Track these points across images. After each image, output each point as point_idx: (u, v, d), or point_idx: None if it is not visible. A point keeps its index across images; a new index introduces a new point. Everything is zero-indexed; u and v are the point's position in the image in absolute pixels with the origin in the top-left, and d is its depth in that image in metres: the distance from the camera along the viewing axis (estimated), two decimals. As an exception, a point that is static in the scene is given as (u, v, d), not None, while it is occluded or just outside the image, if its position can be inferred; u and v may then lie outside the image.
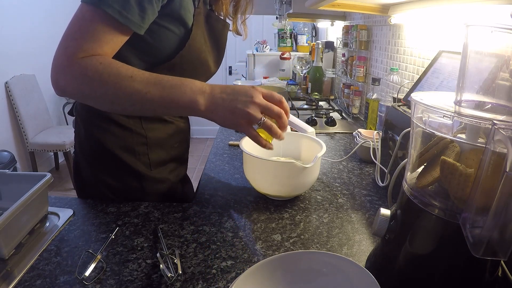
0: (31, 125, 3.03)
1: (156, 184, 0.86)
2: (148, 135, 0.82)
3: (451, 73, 0.92)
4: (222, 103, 0.64)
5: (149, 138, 0.82)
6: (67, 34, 0.63)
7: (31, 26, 3.16)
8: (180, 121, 0.91)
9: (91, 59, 0.62)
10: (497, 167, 0.38)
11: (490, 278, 0.49)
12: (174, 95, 0.63)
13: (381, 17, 1.52)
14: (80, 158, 0.86)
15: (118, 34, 0.65)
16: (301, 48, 2.75)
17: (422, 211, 0.48)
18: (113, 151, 0.80)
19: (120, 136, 0.80)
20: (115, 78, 0.62)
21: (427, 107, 0.46)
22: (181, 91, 0.63)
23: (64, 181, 3.26)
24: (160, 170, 0.86)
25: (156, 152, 0.84)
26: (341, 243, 0.70)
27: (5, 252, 0.63)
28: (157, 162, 0.85)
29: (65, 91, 0.65)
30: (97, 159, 0.82)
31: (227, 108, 0.64)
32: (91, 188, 0.85)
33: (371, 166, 1.09)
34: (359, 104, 1.71)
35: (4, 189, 0.77)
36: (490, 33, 0.43)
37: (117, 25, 0.63)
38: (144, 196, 0.84)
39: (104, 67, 0.62)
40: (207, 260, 0.64)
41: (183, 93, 0.63)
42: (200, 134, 4.55)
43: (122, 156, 0.80)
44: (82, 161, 0.85)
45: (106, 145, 0.80)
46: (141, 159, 0.82)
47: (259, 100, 0.64)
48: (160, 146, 0.85)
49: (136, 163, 0.82)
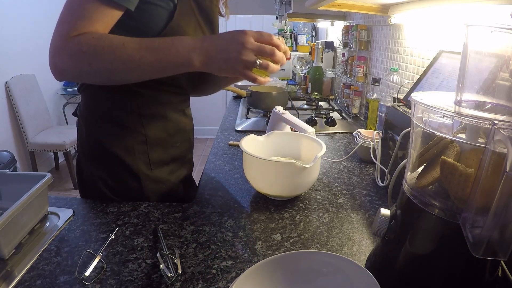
0: (31, 125, 3.03)
1: (156, 184, 0.85)
2: (148, 134, 0.81)
3: (451, 73, 0.92)
4: (216, 55, 0.65)
5: (149, 137, 0.81)
6: (61, 18, 0.64)
7: (31, 26, 3.16)
8: (182, 119, 0.89)
9: (84, 36, 0.63)
10: (497, 167, 0.38)
11: (490, 278, 0.49)
12: (169, 57, 0.65)
13: (381, 17, 1.52)
14: (82, 158, 0.86)
15: (109, 11, 0.65)
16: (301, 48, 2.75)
17: (422, 211, 0.48)
18: (112, 150, 0.79)
19: (119, 135, 0.80)
20: (109, 49, 0.63)
21: (427, 107, 0.46)
22: (174, 51, 0.65)
23: (64, 181, 3.26)
24: (161, 170, 0.85)
25: (157, 151, 0.83)
26: (341, 243, 0.70)
27: (5, 252, 0.63)
28: (158, 161, 0.84)
29: (63, 72, 0.66)
30: (97, 159, 0.82)
31: (221, 59, 0.65)
32: (92, 187, 0.84)
33: (371, 166, 1.09)
34: (359, 104, 1.71)
35: (4, 189, 0.77)
36: (490, 33, 0.43)
37: (107, 2, 0.64)
38: (144, 197, 0.84)
39: (96, 40, 0.63)
40: (207, 260, 0.64)
41: (177, 52, 0.65)
42: (200, 134, 4.55)
43: (121, 155, 0.80)
44: (83, 161, 0.85)
45: (106, 144, 0.79)
46: (141, 158, 0.81)
47: (250, 45, 0.64)
48: (161, 145, 0.84)
49: (136, 162, 0.81)
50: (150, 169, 0.83)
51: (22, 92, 2.99)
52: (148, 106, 0.80)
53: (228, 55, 0.64)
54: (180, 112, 0.88)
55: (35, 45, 3.19)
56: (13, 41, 2.96)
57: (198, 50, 0.65)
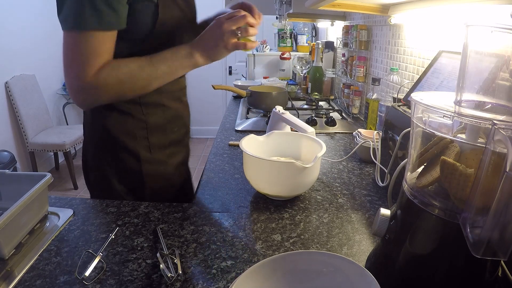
0: (31, 125, 3.03)
1: (154, 165, 0.91)
2: (148, 120, 0.88)
3: (451, 73, 0.92)
4: (209, 48, 0.80)
5: (149, 123, 0.88)
6: (70, 62, 0.72)
7: (31, 26, 3.16)
8: (179, 106, 0.96)
9: (103, 71, 0.73)
10: (497, 167, 0.38)
11: (490, 278, 0.49)
12: (178, 63, 0.80)
13: (381, 17, 1.52)
14: (88, 145, 0.91)
15: (108, 39, 0.73)
16: (301, 48, 2.75)
17: (422, 211, 0.48)
18: (115, 135, 0.86)
19: (122, 122, 0.86)
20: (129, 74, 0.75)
21: (427, 107, 0.46)
22: (180, 58, 0.79)
23: (64, 181, 3.26)
24: (159, 153, 0.92)
25: (156, 136, 0.90)
26: (341, 243, 0.70)
27: (5, 252, 0.63)
28: (157, 145, 0.91)
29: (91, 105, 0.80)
30: (102, 144, 0.88)
31: (214, 47, 0.80)
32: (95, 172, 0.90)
33: (371, 166, 1.09)
34: (359, 104, 1.71)
35: (4, 189, 0.77)
36: (490, 33, 0.43)
37: (103, 34, 0.71)
38: (142, 177, 0.89)
39: (116, 71, 0.74)
40: (207, 260, 0.64)
41: (183, 58, 0.80)
42: (200, 134, 4.55)
43: (124, 139, 0.87)
44: (90, 148, 0.90)
45: (110, 130, 0.86)
46: (141, 142, 0.88)
47: (226, 26, 0.78)
48: (160, 130, 0.91)
49: (136, 146, 0.88)
50: (149, 152, 0.89)
51: (22, 92, 2.99)
52: (148, 95, 0.86)
53: (215, 41, 0.79)
54: (178, 100, 0.95)
55: (35, 45, 3.19)
56: (13, 41, 2.96)
57: (195, 53, 0.80)
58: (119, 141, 0.86)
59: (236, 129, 1.49)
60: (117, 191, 0.88)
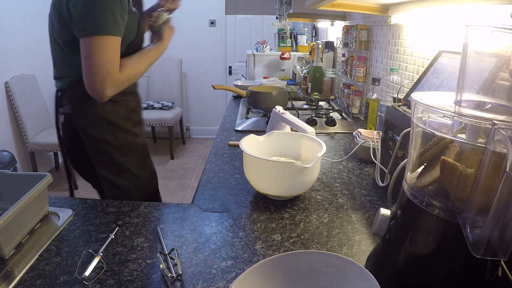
0: (31, 125, 3.03)
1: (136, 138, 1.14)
2: (129, 104, 1.12)
3: (451, 73, 0.92)
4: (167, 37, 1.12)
5: (130, 106, 1.13)
6: (99, 58, 0.90)
7: (32, 26, 3.16)
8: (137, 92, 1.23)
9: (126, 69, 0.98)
10: (497, 167, 0.38)
11: (490, 278, 0.49)
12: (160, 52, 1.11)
13: (381, 17, 1.52)
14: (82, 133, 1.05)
15: (119, 43, 0.94)
16: (301, 48, 2.75)
17: (422, 211, 0.48)
18: (110, 118, 1.06)
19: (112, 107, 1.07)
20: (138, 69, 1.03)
21: (427, 107, 0.46)
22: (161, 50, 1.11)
23: (64, 181, 3.26)
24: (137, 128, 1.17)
25: (135, 115, 1.16)
26: (341, 243, 0.70)
27: (5, 252, 0.63)
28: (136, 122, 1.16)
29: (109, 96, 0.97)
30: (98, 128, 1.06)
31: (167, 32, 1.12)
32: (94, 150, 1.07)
33: (371, 166, 1.09)
34: (359, 104, 1.71)
35: (4, 189, 0.77)
36: (490, 33, 0.43)
37: (117, 39, 0.93)
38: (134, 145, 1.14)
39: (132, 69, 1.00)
40: (207, 260, 0.64)
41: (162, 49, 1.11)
42: (200, 134, 4.55)
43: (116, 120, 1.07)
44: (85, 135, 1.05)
45: (105, 115, 1.05)
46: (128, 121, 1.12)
47: None
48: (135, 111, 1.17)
49: (126, 124, 1.11)
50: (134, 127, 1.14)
51: (22, 92, 2.99)
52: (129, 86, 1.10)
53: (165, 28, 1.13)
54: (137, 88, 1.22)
55: (35, 45, 3.19)
56: (13, 41, 2.96)
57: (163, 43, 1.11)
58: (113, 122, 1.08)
59: (236, 129, 1.49)
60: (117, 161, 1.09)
